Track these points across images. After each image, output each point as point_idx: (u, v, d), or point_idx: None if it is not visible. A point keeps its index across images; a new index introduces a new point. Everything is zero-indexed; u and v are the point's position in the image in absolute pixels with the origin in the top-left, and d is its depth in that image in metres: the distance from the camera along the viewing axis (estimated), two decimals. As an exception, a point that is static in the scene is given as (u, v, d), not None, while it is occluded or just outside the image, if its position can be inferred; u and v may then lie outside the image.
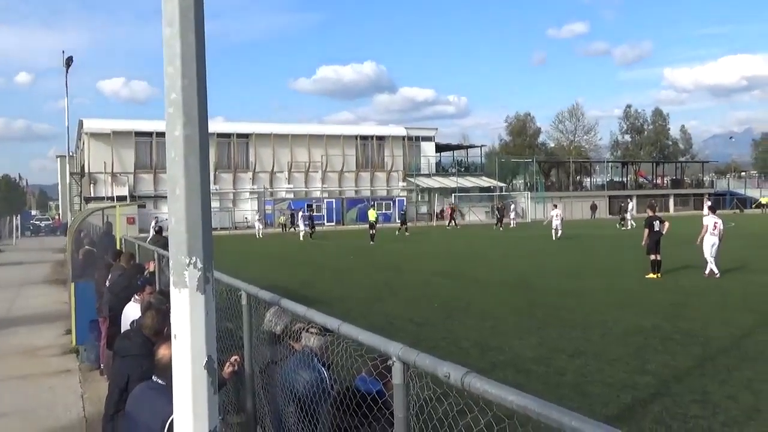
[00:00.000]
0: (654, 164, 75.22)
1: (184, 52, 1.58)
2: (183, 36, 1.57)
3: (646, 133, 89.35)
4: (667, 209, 66.93)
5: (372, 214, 31.14)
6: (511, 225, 42.41)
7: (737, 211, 60.58)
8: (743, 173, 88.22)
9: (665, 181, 71.89)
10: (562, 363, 7.37)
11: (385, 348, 2.01)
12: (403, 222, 36.59)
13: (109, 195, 43.63)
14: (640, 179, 72.10)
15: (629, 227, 35.94)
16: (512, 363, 7.40)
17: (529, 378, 6.66)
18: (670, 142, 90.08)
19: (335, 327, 2.36)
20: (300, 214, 35.63)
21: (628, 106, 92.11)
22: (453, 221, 41.67)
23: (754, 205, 61.12)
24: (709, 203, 20.72)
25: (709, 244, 14.82)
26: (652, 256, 14.91)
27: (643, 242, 15.41)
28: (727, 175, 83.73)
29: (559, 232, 28.60)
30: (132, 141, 46.47)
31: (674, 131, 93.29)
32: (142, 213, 40.72)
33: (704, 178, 76.42)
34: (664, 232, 15.36)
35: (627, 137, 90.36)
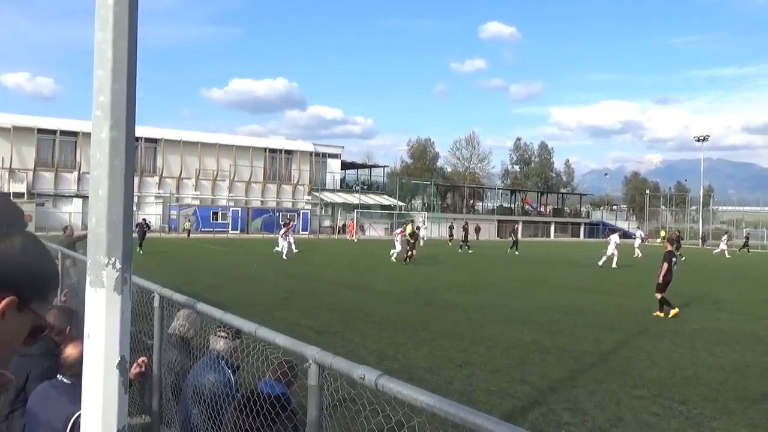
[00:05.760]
0: (539, 193, 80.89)
1: (116, 57, 1.61)
2: (116, 41, 1.61)
3: (532, 164, 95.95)
4: (548, 235, 71.96)
5: (409, 228, 30.95)
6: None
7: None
8: (615, 206, 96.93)
9: (548, 210, 77.36)
10: (451, 372, 7.77)
11: (302, 351, 2.11)
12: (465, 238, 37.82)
13: (5, 191, 41.19)
14: (526, 206, 76.98)
15: (639, 255, 33.50)
16: (406, 371, 7.67)
17: (421, 386, 6.79)
18: (554, 174, 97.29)
19: (252, 330, 2.42)
20: (419, 223, 33.53)
21: (518, 139, 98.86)
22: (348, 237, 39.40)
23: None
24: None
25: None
26: (661, 295, 13.46)
27: (660, 278, 13.61)
28: (601, 208, 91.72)
29: (639, 254, 27.29)
30: (34, 138, 44.78)
31: (558, 164, 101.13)
32: (40, 211, 39.99)
33: (581, 209, 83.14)
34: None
35: (516, 167, 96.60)
